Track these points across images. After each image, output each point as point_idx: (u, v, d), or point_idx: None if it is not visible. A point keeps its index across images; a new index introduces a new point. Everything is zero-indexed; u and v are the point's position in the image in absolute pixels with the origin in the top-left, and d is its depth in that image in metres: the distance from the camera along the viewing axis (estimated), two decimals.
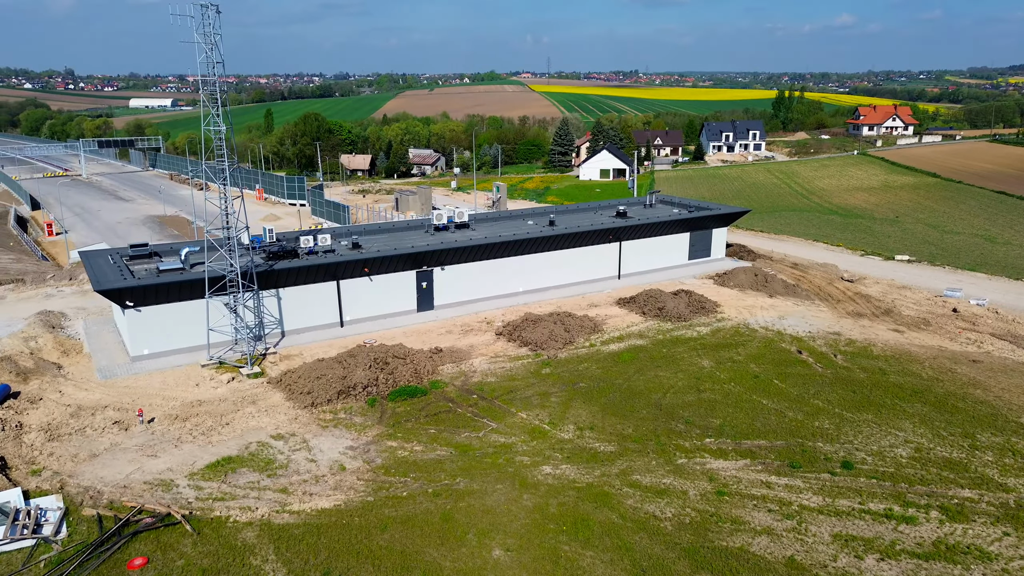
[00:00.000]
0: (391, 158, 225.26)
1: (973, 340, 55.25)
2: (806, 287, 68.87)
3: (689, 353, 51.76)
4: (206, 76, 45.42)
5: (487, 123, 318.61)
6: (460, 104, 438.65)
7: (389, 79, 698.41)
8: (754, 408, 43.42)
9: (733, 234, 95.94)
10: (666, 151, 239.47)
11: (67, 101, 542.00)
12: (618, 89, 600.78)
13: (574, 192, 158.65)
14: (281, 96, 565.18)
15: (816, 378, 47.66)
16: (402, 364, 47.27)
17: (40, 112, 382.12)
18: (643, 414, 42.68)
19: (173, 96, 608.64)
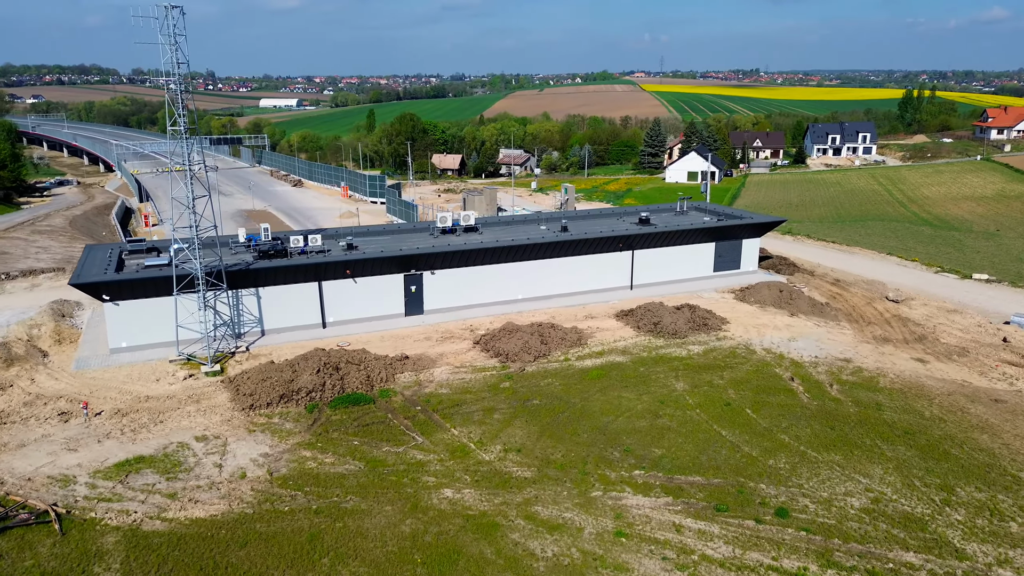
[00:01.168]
0: (480, 158, 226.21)
1: (1008, 376, 48.65)
2: (839, 306, 63.03)
3: (666, 374, 48.09)
4: (168, 77, 45.65)
5: (587, 123, 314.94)
6: (567, 104, 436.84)
7: (501, 80, 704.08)
8: (708, 439, 39.61)
9: (793, 244, 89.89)
10: (766, 153, 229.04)
11: (205, 101, 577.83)
12: (735, 88, 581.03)
13: (654, 195, 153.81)
14: (396, 96, 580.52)
15: (796, 410, 43.10)
16: (355, 370, 46.22)
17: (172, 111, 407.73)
18: (583, 438, 39.77)
19: (299, 96, 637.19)
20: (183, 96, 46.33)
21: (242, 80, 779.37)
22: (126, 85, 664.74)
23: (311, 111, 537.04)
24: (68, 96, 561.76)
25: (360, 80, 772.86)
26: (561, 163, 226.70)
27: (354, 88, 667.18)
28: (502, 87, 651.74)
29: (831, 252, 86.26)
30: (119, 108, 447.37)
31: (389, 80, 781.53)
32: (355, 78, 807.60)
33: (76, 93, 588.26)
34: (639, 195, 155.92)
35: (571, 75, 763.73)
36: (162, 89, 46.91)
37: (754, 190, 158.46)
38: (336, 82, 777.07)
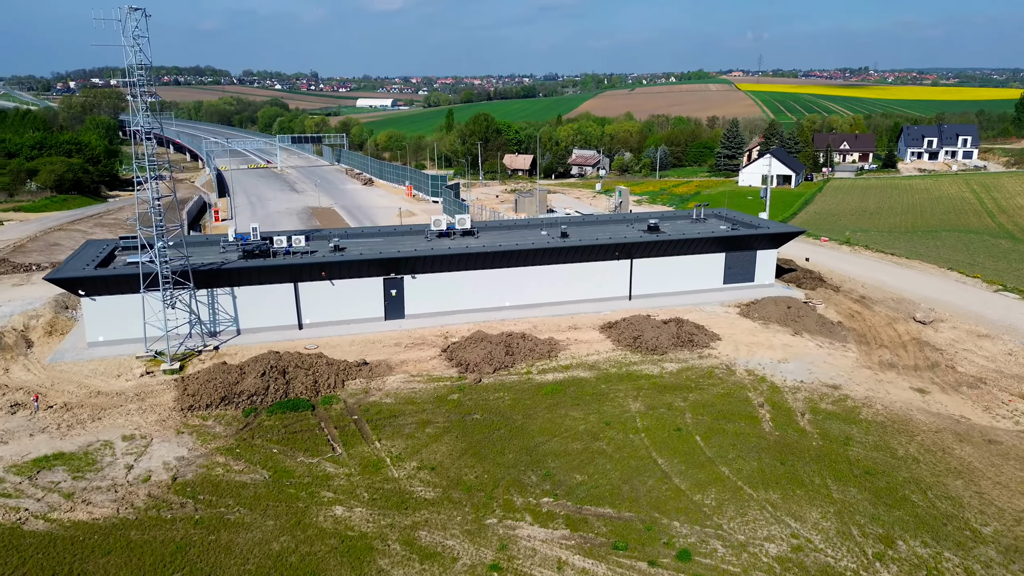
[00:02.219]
0: (551, 158, 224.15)
1: (1018, 412, 43.35)
2: (855, 326, 58.10)
3: (627, 393, 45.21)
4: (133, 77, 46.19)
5: (670, 123, 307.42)
6: (655, 104, 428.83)
7: (593, 79, 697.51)
8: (639, 467, 36.78)
9: (845, 255, 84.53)
10: (853, 157, 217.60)
11: (305, 100, 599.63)
12: (840, 88, 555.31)
13: (722, 199, 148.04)
14: (487, 96, 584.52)
15: (751, 440, 39.55)
16: (303, 375, 45.56)
17: (273, 110, 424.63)
18: (507, 458, 37.66)
19: (394, 96, 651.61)
20: (146, 97, 46.53)
21: (342, 80, 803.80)
22: (235, 86, 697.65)
23: (404, 111, 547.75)
24: (182, 96, 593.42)
25: (455, 80, 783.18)
26: (633, 164, 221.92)
27: (448, 88, 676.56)
28: (593, 87, 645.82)
29: (884, 265, 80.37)
30: (225, 107, 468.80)
31: (483, 80, 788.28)
32: (450, 78, 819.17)
33: (189, 93, 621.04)
34: (705, 199, 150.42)
35: (665, 74, 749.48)
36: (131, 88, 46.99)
37: (830, 196, 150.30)
38: (431, 82, 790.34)
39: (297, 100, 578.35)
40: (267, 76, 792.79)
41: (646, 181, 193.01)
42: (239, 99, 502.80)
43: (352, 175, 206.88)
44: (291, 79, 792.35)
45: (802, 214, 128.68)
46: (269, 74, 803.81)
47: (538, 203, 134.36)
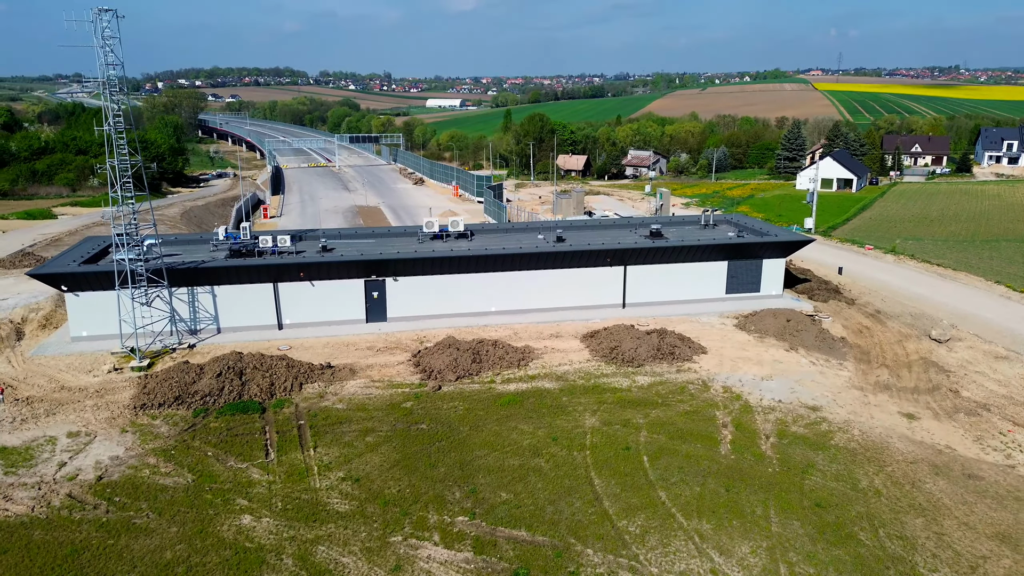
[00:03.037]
0: (604, 159, 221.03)
1: (1013, 445, 39.51)
2: (860, 342, 54.41)
3: (586, 407, 43.18)
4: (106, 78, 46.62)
5: (737, 124, 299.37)
6: (725, 104, 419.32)
7: (664, 79, 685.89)
8: (572, 488, 34.85)
9: (886, 265, 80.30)
10: (925, 160, 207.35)
11: (376, 101, 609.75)
12: (926, 87, 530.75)
13: (775, 203, 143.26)
14: (555, 96, 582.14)
15: (702, 463, 37.08)
16: (260, 376, 45.17)
17: (343, 110, 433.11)
18: (438, 472, 36.28)
19: (463, 97, 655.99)
20: (118, 98, 46.92)
21: (414, 81, 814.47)
22: (311, 86, 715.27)
23: (471, 111, 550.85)
24: (260, 96, 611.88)
25: (524, 80, 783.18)
26: (690, 166, 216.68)
27: (517, 89, 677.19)
28: (663, 87, 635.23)
29: (924, 276, 75.78)
30: (298, 107, 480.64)
31: (553, 80, 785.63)
32: (520, 78, 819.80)
33: (267, 93, 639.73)
34: (758, 203, 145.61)
35: (740, 74, 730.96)
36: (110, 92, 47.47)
37: (891, 201, 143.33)
38: (501, 83, 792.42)
39: (369, 100, 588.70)
40: (342, 77, 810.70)
41: (700, 183, 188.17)
42: (312, 99, 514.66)
43: (405, 175, 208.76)
44: (365, 79, 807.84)
45: (856, 220, 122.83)
46: (344, 75, 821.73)
47: (575, 205, 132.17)
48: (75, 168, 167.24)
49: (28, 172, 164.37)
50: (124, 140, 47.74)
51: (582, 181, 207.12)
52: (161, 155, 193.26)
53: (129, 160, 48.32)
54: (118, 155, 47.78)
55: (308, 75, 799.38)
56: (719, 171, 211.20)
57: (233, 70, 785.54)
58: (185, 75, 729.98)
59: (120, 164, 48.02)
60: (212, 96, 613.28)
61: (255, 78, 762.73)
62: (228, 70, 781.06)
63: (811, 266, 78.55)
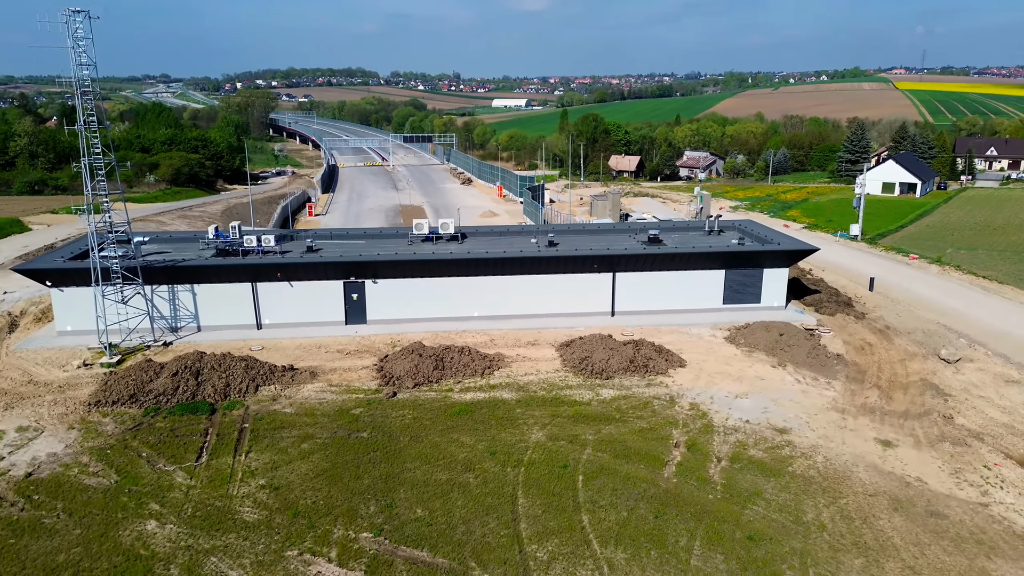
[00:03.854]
0: (657, 160, 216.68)
1: (993, 481, 36.01)
2: (859, 360, 50.93)
3: (538, 420, 41.38)
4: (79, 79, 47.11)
5: (805, 124, 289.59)
6: (797, 104, 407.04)
7: (736, 78, 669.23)
8: (492, 507, 33.24)
9: (928, 276, 76.02)
10: (1001, 164, 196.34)
11: (443, 101, 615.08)
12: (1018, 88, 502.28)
13: (829, 208, 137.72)
14: (621, 96, 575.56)
15: (639, 486, 34.92)
16: (216, 377, 44.93)
17: (407, 110, 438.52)
18: (361, 484, 35.18)
19: (529, 97, 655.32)
20: (90, 99, 47.34)
21: (482, 81, 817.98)
22: (382, 87, 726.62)
23: (536, 111, 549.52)
24: (332, 96, 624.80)
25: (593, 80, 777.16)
26: (747, 168, 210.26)
27: (584, 88, 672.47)
28: (735, 86, 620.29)
29: (964, 289, 71.49)
30: (365, 107, 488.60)
31: (621, 80, 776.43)
32: (588, 78, 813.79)
33: (339, 93, 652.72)
34: (811, 207, 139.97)
35: (816, 73, 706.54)
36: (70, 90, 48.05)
37: (956, 207, 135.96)
38: (569, 83, 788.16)
39: (436, 100, 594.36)
40: (412, 77, 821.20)
41: (756, 186, 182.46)
42: (380, 99, 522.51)
43: (455, 175, 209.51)
44: (434, 80, 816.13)
45: (912, 227, 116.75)
46: (414, 75, 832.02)
47: (611, 207, 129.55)
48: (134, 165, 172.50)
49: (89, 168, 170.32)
50: (98, 139, 48.07)
51: (633, 182, 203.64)
52: (219, 153, 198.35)
53: (103, 159, 48.60)
54: (93, 152, 48.06)
55: (380, 75, 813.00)
56: (778, 173, 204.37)
57: (308, 71, 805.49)
58: (263, 76, 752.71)
59: (94, 162, 48.34)
60: (286, 96, 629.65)
61: (328, 79, 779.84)
62: (303, 71, 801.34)
63: (842, 275, 74.88)
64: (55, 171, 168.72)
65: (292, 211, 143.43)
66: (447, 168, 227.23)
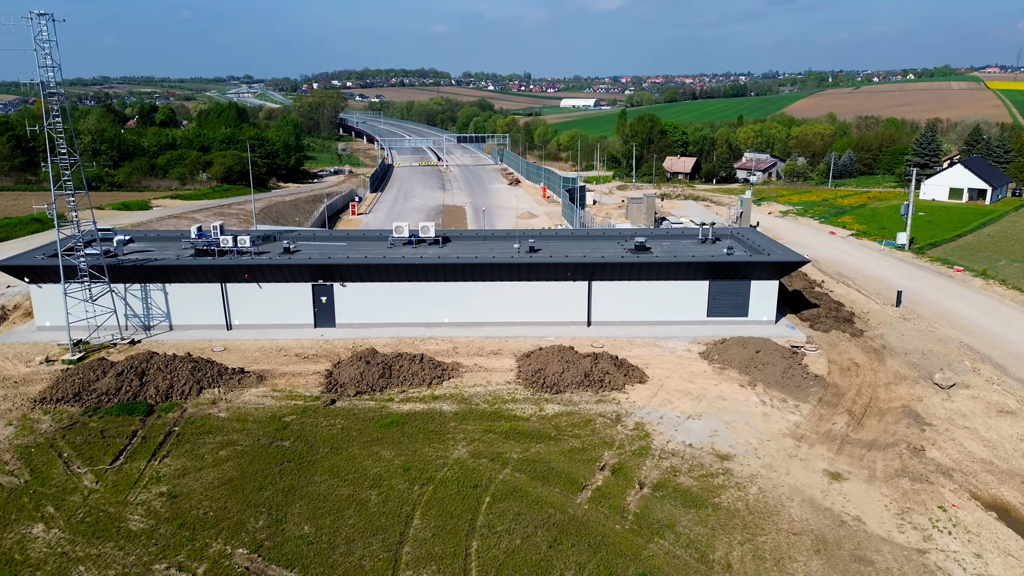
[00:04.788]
0: (712, 161, 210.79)
1: (946, 523, 32.57)
2: (842, 382, 47.37)
3: (468, 435, 39.69)
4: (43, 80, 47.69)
5: (880, 125, 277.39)
6: (876, 104, 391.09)
7: (816, 77, 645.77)
8: (383, 527, 31.80)
9: (970, 292, 71.21)
10: None
11: (511, 101, 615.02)
12: None
13: (886, 215, 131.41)
14: (692, 96, 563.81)
15: (545, 512, 32.89)
16: (161, 378, 44.84)
17: (471, 111, 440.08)
18: (262, 496, 34.25)
19: (598, 96, 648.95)
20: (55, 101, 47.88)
21: (552, 81, 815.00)
22: (452, 87, 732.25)
23: (604, 111, 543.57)
24: (403, 96, 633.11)
25: (666, 79, 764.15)
26: (807, 171, 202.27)
27: (656, 88, 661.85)
28: (814, 85, 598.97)
29: (1001, 306, 67.08)
30: (433, 107, 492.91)
31: (695, 79, 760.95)
32: (660, 77, 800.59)
33: (410, 93, 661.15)
34: (867, 213, 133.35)
35: (903, 71, 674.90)
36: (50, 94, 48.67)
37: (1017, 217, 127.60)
38: (640, 82, 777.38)
39: (504, 100, 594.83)
40: (482, 78, 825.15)
41: (815, 190, 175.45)
42: (448, 99, 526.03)
43: (504, 175, 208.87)
44: (504, 80, 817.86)
45: (971, 236, 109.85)
46: (485, 75, 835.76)
47: (645, 211, 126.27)
48: (189, 163, 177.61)
49: (148, 166, 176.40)
50: (63, 139, 48.62)
51: (687, 184, 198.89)
52: (275, 152, 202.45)
53: (68, 159, 49.15)
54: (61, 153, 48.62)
55: (451, 76, 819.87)
56: (843, 177, 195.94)
57: (381, 71, 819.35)
58: (338, 76, 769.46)
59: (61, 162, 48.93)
60: (359, 96, 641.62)
61: (401, 79, 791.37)
62: (377, 72, 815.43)
63: (872, 288, 70.79)
64: (116, 168, 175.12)
65: (336, 210, 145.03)
66: (499, 168, 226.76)
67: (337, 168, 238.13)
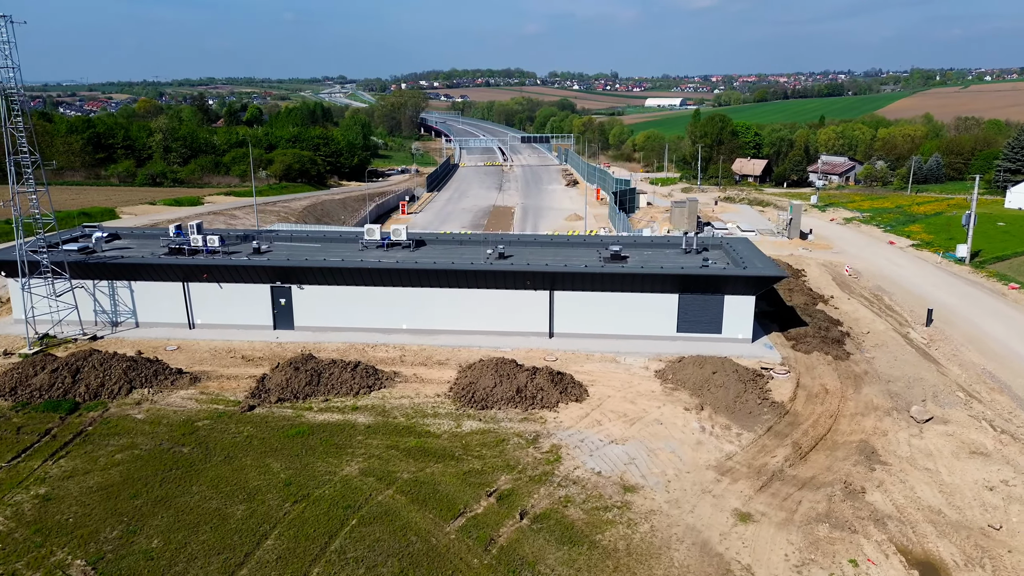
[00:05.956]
0: (783, 164, 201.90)
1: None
2: (803, 410, 43.31)
3: (368, 451, 37.97)
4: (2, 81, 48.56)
5: (982, 127, 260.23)
6: (984, 104, 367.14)
7: (922, 75, 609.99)
8: (231, 548, 30.45)
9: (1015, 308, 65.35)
10: None
11: (594, 100, 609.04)
12: None
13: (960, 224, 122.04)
14: (783, 95, 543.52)
15: (407, 539, 30.83)
16: (93, 376, 44.97)
17: (548, 111, 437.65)
18: (131, 505, 33.50)
19: (685, 96, 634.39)
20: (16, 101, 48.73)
21: (639, 80, 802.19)
22: (537, 87, 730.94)
23: (690, 111, 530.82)
24: (488, 96, 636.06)
25: (758, 78, 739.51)
26: (886, 175, 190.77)
27: (747, 87, 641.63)
28: (919, 84, 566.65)
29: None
30: (512, 107, 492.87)
31: (790, 78, 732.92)
32: (753, 76, 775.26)
33: (495, 93, 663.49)
34: (940, 222, 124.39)
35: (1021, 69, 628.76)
36: None
37: None
38: (731, 81, 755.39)
39: (588, 100, 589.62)
40: (568, 77, 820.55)
41: (891, 195, 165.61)
42: (528, 99, 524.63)
43: (564, 175, 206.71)
44: (590, 79, 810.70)
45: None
46: (571, 75, 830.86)
47: (688, 215, 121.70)
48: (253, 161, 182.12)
49: (213, 163, 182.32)
50: (24, 138, 49.45)
51: (756, 188, 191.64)
52: (339, 151, 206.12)
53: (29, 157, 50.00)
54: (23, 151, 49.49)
55: (536, 76, 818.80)
56: (927, 182, 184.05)
57: (468, 72, 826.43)
58: (426, 77, 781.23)
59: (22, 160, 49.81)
60: (444, 96, 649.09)
61: (487, 79, 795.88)
62: (464, 72, 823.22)
63: (907, 304, 65.70)
64: (186, 165, 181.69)
65: (388, 209, 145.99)
66: (561, 169, 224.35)
67: (404, 167, 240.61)
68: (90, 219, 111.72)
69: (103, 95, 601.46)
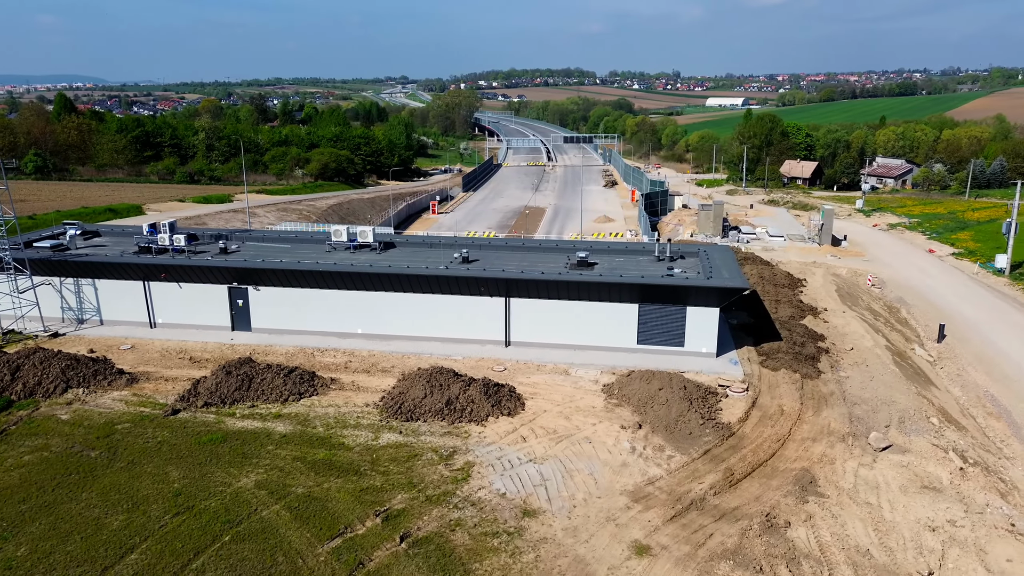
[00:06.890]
0: (835, 166, 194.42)
1: None
2: (752, 432, 40.34)
3: (272, 462, 36.68)
4: None
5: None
6: None
7: (1003, 74, 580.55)
8: (94, 560, 29.48)
9: None
10: None
11: (653, 100, 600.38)
12: None
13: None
14: (852, 94, 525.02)
15: (273, 559, 29.40)
16: (32, 374, 44.92)
17: (602, 110, 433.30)
18: (16, 509, 32.90)
19: (747, 95, 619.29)
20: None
21: (701, 80, 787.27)
22: (596, 86, 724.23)
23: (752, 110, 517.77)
24: (544, 96, 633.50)
25: (827, 77, 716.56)
26: (943, 178, 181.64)
27: (814, 86, 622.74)
28: (999, 83, 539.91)
29: None
30: (567, 106, 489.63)
31: (861, 77, 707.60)
32: (821, 75, 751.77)
33: (551, 93, 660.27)
34: (991, 230, 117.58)
35: None
36: None
37: None
38: (798, 80, 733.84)
39: (647, 100, 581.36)
40: (628, 76, 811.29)
41: (946, 200, 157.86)
42: (584, 99, 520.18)
43: (604, 176, 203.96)
44: (651, 79, 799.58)
45: None
46: (631, 74, 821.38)
47: (713, 218, 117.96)
48: (289, 160, 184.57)
49: (251, 162, 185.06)
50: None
51: (805, 191, 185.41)
52: (379, 150, 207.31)
53: None
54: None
55: (596, 75, 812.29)
56: (990, 187, 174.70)
57: (527, 71, 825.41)
58: (484, 77, 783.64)
59: None
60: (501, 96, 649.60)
61: (545, 79, 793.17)
62: (523, 72, 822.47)
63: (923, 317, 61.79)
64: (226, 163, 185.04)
65: (420, 208, 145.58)
66: (604, 169, 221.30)
67: (447, 167, 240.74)
68: (116, 215, 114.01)
69: (176, 95, 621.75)
